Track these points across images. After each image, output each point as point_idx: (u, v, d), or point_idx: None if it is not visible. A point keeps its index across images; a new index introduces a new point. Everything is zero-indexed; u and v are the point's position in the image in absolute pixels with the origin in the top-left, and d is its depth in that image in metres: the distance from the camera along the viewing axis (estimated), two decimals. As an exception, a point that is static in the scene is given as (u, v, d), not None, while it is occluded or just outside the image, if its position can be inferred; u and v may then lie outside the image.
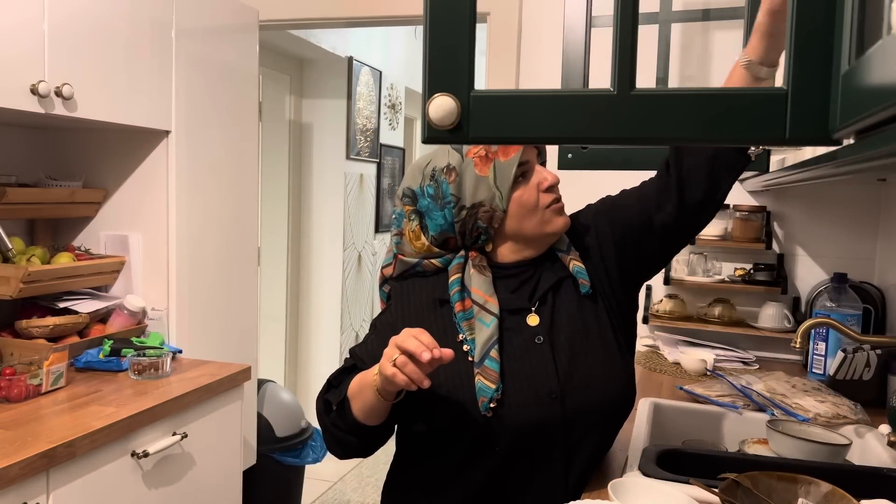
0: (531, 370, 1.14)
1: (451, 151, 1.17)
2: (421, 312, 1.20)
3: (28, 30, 1.60)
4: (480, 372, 1.11)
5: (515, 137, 0.60)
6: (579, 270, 1.19)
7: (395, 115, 4.73)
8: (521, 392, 1.12)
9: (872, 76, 0.45)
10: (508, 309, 1.17)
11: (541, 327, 1.17)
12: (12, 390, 1.61)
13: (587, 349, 1.16)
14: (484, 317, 1.15)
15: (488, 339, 1.13)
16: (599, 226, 1.25)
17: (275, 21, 2.60)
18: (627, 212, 1.24)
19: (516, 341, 1.16)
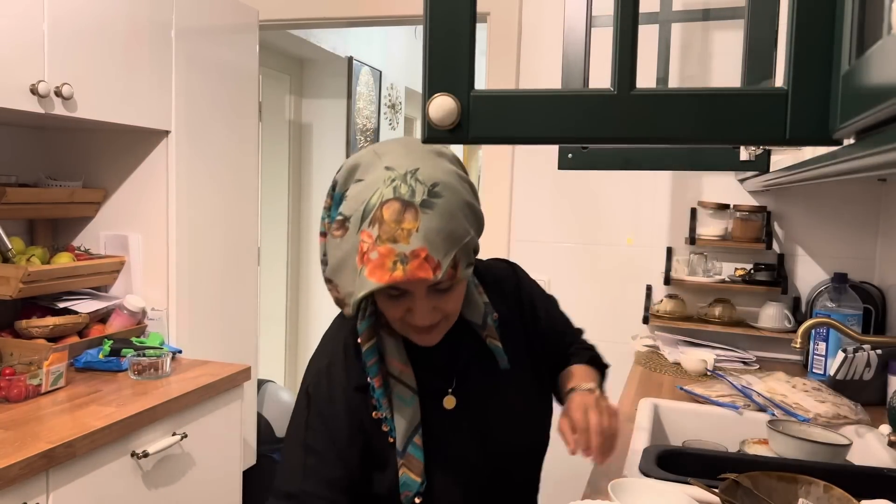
0: (454, 454, 1.06)
1: (362, 211, 0.92)
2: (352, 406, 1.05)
3: (27, 30, 1.60)
4: (405, 463, 1.01)
5: (515, 137, 0.60)
6: (496, 349, 1.08)
7: (395, 115, 4.73)
8: (447, 482, 1.04)
9: (872, 76, 0.45)
10: (425, 390, 1.05)
11: (459, 409, 1.07)
12: (12, 390, 1.61)
13: (505, 413, 1.10)
14: (403, 392, 1.02)
15: (411, 423, 1.02)
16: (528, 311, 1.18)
17: (275, 21, 2.60)
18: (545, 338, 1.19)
19: (435, 425, 1.05)
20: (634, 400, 1.68)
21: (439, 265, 0.90)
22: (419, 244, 0.89)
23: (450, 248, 0.91)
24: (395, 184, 0.92)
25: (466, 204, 0.95)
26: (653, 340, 2.22)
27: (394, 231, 0.90)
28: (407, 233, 0.90)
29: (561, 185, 2.37)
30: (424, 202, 0.91)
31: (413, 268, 0.90)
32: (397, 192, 0.92)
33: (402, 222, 0.90)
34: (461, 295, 1.00)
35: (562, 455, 2.43)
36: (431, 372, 1.06)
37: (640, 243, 2.32)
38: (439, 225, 0.91)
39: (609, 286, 2.35)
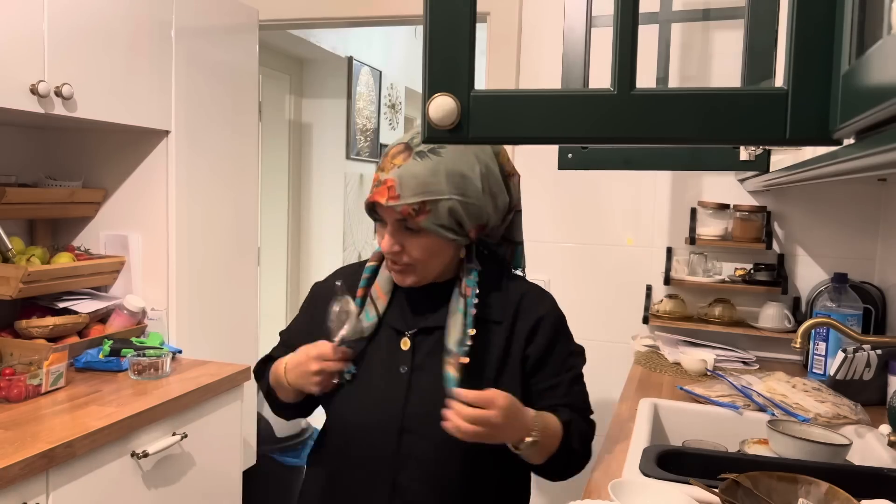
0: (380, 396, 1.19)
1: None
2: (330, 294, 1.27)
3: (28, 30, 1.60)
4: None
5: (515, 137, 0.60)
6: (447, 377, 1.15)
7: (395, 115, 4.73)
8: (365, 408, 1.19)
9: (872, 76, 0.45)
10: (391, 327, 1.22)
11: (409, 355, 1.20)
12: (12, 390, 1.61)
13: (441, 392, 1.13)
14: (370, 310, 1.22)
15: (362, 331, 1.20)
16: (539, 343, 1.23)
17: (275, 21, 2.60)
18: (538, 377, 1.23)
19: (382, 362, 1.20)
20: (634, 400, 1.68)
21: (397, 197, 1.10)
22: (392, 176, 1.11)
23: (418, 193, 1.10)
24: (414, 134, 1.14)
25: (461, 174, 1.12)
26: (653, 340, 2.22)
27: (385, 163, 1.14)
28: (392, 166, 1.12)
29: (561, 185, 2.37)
30: (420, 153, 1.12)
31: (377, 191, 1.13)
32: (411, 139, 1.14)
33: (395, 159, 1.13)
34: (429, 247, 1.16)
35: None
36: (409, 313, 1.23)
37: (640, 243, 2.32)
38: (418, 172, 1.10)
39: (609, 286, 2.35)
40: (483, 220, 1.18)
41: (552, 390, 1.22)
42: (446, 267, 1.21)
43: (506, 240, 1.31)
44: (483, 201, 1.16)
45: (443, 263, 1.20)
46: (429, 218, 1.12)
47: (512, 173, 1.24)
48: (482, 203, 1.15)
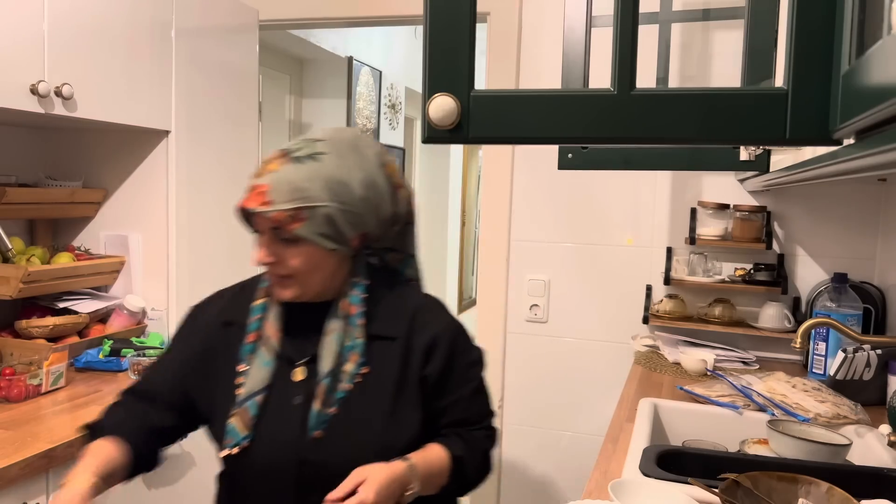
0: (280, 432, 1.12)
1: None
2: (205, 330, 1.22)
3: (27, 30, 1.60)
4: (238, 412, 1.12)
5: (515, 137, 0.60)
6: (359, 345, 1.13)
7: (395, 115, 4.73)
8: (268, 447, 1.11)
9: (872, 76, 0.45)
10: (283, 357, 1.15)
11: (303, 386, 1.13)
12: (12, 390, 1.61)
13: (349, 419, 1.11)
14: (265, 354, 1.14)
15: (259, 382, 1.12)
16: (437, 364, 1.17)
17: (275, 21, 2.60)
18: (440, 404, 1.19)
19: (277, 396, 1.13)
20: (634, 400, 1.68)
21: (269, 203, 1.06)
22: (265, 181, 1.07)
23: (293, 199, 1.05)
24: (297, 141, 1.12)
25: (338, 180, 1.08)
26: (653, 340, 2.22)
27: (261, 168, 1.10)
28: (266, 171, 1.08)
29: (561, 185, 2.37)
30: (298, 158, 1.08)
31: (249, 196, 1.08)
32: (291, 145, 1.11)
33: (270, 164, 1.09)
34: (308, 257, 1.10)
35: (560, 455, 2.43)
36: (298, 336, 1.16)
37: (640, 243, 2.32)
38: (294, 178, 1.06)
39: (609, 286, 2.35)
40: (366, 229, 1.13)
41: (453, 406, 1.19)
42: (331, 281, 1.15)
43: (394, 251, 1.26)
44: (363, 209, 1.11)
45: (325, 276, 1.13)
46: (305, 226, 1.06)
47: (400, 185, 1.19)
48: (362, 211, 1.10)
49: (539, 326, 2.43)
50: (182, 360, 1.22)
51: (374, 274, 1.20)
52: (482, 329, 2.49)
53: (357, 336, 1.14)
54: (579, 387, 2.40)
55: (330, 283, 1.15)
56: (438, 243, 5.97)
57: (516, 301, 2.45)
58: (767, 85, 1.24)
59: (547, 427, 2.44)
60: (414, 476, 1.09)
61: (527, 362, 2.45)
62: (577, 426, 2.41)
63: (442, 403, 1.18)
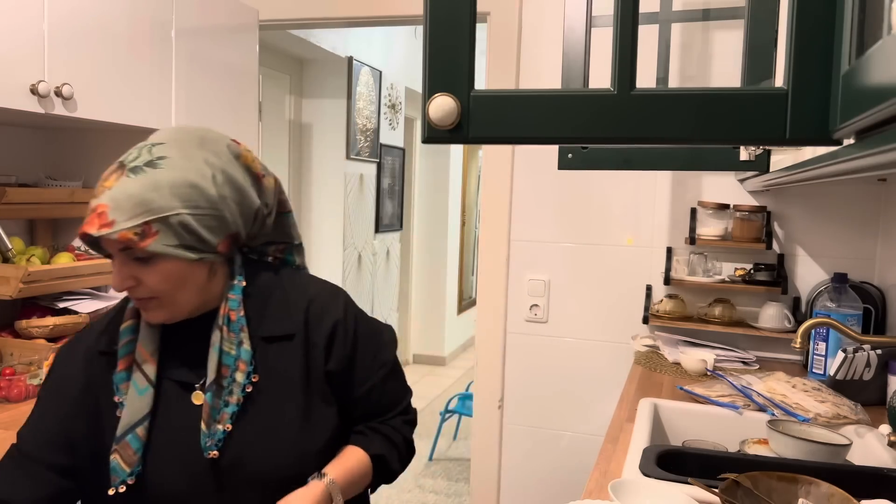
0: (180, 453, 1.02)
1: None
2: (84, 363, 1.08)
3: (28, 30, 1.60)
4: (118, 449, 1.01)
5: (515, 137, 0.60)
6: (245, 352, 1.04)
7: (395, 115, 4.73)
8: (164, 478, 1.02)
9: (872, 76, 0.45)
10: (174, 380, 1.05)
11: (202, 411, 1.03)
12: (12, 390, 1.61)
13: (250, 430, 1.04)
14: (139, 381, 1.03)
15: (136, 413, 1.02)
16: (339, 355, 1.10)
17: (275, 21, 2.60)
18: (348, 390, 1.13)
19: (175, 419, 1.04)
20: (634, 399, 1.68)
21: (111, 224, 0.94)
22: (103, 201, 0.95)
23: (137, 214, 0.94)
24: (131, 150, 1.00)
25: (188, 183, 0.97)
26: (653, 340, 2.22)
27: (99, 186, 0.97)
28: (104, 189, 0.96)
29: (561, 185, 2.37)
30: (135, 168, 0.97)
31: (88, 220, 0.95)
32: (126, 156, 0.99)
33: (106, 181, 0.97)
34: (170, 274, 0.99)
35: (560, 455, 2.44)
36: (185, 358, 1.06)
37: (640, 243, 2.32)
38: (134, 190, 0.95)
39: (609, 286, 2.35)
40: (232, 229, 1.02)
41: (366, 396, 1.13)
42: (207, 291, 1.05)
43: (275, 243, 1.17)
44: (223, 209, 1.00)
45: (197, 288, 1.03)
46: (157, 240, 0.95)
47: (262, 175, 1.09)
48: (222, 211, 1.00)
49: (539, 326, 2.43)
50: (59, 413, 1.07)
51: (259, 272, 1.10)
52: (482, 329, 2.49)
53: (242, 342, 1.04)
54: (579, 387, 2.40)
55: (207, 294, 1.05)
56: (438, 243, 5.97)
57: (516, 301, 2.45)
58: (767, 85, 1.24)
59: (547, 427, 2.44)
60: (335, 491, 1.04)
61: (527, 362, 2.45)
62: (577, 426, 2.41)
63: (354, 395, 1.12)
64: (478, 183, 6.49)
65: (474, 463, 2.55)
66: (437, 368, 5.92)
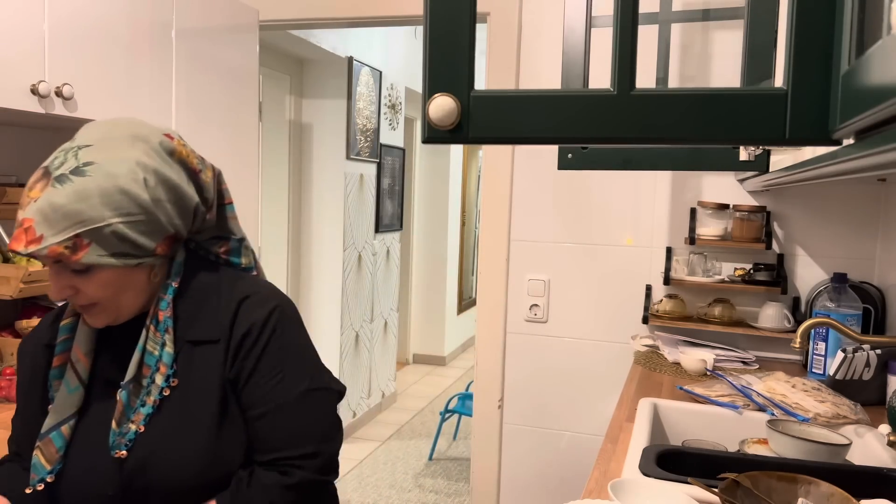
0: (95, 459, 1.00)
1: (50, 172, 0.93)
2: (31, 359, 1.09)
3: (28, 30, 1.60)
4: (41, 445, 1.00)
5: (515, 137, 0.60)
6: (167, 355, 1.01)
7: (395, 115, 4.73)
8: (80, 479, 1.01)
9: (872, 76, 0.45)
10: (104, 377, 1.04)
11: None
12: (12, 390, 1.61)
13: (165, 434, 1.00)
14: (70, 379, 1.01)
15: (64, 411, 1.01)
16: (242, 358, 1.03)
17: (275, 21, 2.60)
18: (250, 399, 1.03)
19: (98, 418, 1.02)
20: (634, 399, 1.68)
21: (39, 239, 0.90)
22: (29, 215, 0.91)
23: (66, 227, 0.90)
24: (57, 154, 0.95)
25: (119, 190, 0.93)
26: (652, 340, 2.22)
27: (23, 197, 0.93)
28: (29, 201, 0.92)
29: (561, 185, 2.37)
30: (61, 177, 0.92)
31: (15, 236, 0.92)
32: (51, 161, 0.94)
33: (32, 191, 0.93)
34: (108, 281, 0.96)
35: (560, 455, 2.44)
36: (117, 356, 1.03)
37: (640, 243, 2.32)
38: (62, 202, 0.90)
39: (609, 286, 2.36)
40: (169, 231, 0.99)
41: (255, 421, 1.02)
42: (148, 292, 1.02)
43: (220, 238, 1.13)
44: (159, 213, 0.96)
45: (138, 291, 1.01)
46: (90, 252, 0.92)
47: (198, 170, 1.06)
48: (157, 215, 0.96)
49: (539, 326, 2.43)
50: (23, 409, 1.10)
51: (199, 272, 1.06)
52: (482, 329, 2.49)
53: (165, 344, 1.00)
54: (579, 387, 2.40)
55: (152, 293, 1.03)
56: (438, 243, 5.97)
57: (516, 301, 2.45)
58: (767, 85, 1.25)
59: (547, 427, 2.44)
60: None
61: (527, 362, 2.45)
62: (577, 426, 2.41)
63: (245, 415, 1.02)
64: (478, 183, 6.49)
65: (474, 463, 2.55)
66: (437, 368, 5.92)
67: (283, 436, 1.02)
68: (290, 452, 1.01)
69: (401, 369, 5.71)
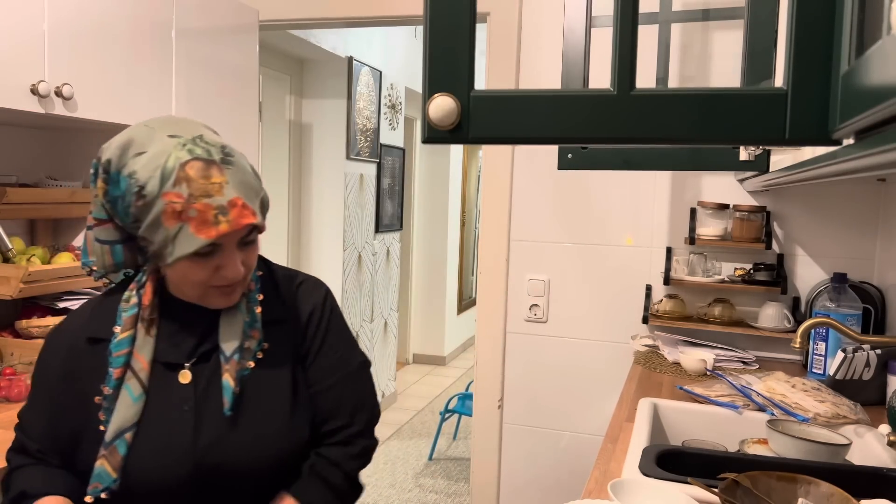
0: (167, 444, 1.02)
1: (159, 175, 0.95)
2: (66, 352, 1.07)
3: (28, 30, 1.60)
4: (107, 454, 1.00)
5: (515, 137, 0.60)
6: (226, 386, 1.04)
7: (395, 115, 4.73)
8: (148, 470, 1.01)
9: (872, 76, 0.45)
10: (162, 362, 1.05)
11: (192, 389, 1.04)
12: (12, 390, 1.61)
13: (243, 418, 1.04)
14: (134, 388, 1.02)
15: (128, 420, 1.01)
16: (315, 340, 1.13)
17: (275, 21, 2.60)
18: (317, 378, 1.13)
19: (160, 405, 1.03)
20: (634, 399, 1.68)
21: (254, 212, 0.98)
22: (234, 194, 0.96)
23: (255, 199, 0.99)
24: (188, 147, 0.97)
25: (250, 165, 1.03)
26: (652, 340, 2.22)
27: (205, 186, 0.95)
28: (219, 186, 0.95)
29: (561, 185, 2.37)
30: (224, 160, 0.98)
31: (235, 216, 0.96)
32: (193, 153, 0.96)
33: (211, 178, 0.96)
34: (256, 250, 1.05)
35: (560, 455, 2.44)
36: (176, 341, 1.07)
37: (640, 243, 2.32)
38: (242, 178, 0.98)
39: (609, 286, 2.36)
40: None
41: (323, 394, 1.12)
42: None
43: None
44: None
45: None
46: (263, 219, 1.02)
47: None
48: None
49: (539, 326, 2.43)
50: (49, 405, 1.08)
51: None
52: (482, 329, 2.49)
53: (256, 311, 1.07)
54: (579, 387, 2.40)
55: None
56: (438, 243, 5.97)
57: (516, 301, 2.45)
58: (767, 85, 1.25)
59: (547, 427, 2.44)
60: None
61: (527, 362, 2.45)
62: (577, 426, 2.41)
63: (311, 390, 1.11)
64: (478, 183, 6.49)
65: (474, 463, 2.55)
66: (437, 368, 5.92)
67: (348, 405, 1.13)
68: (353, 420, 1.13)
69: (401, 369, 5.71)
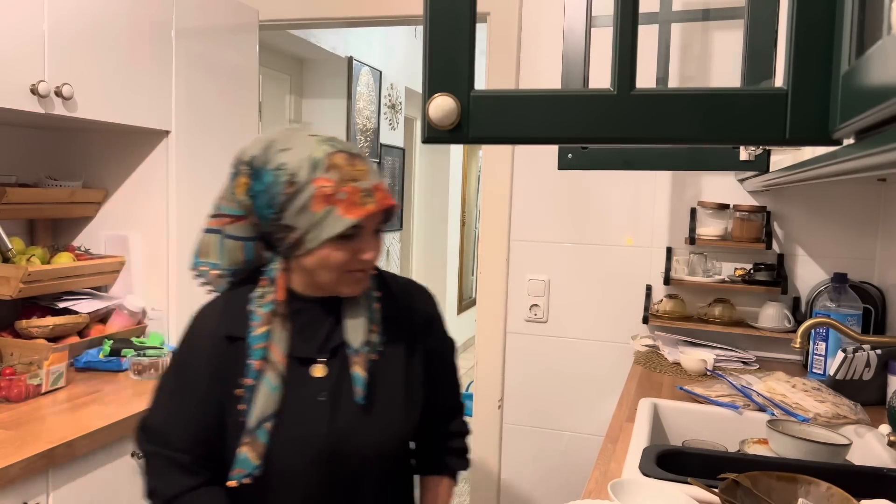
0: (304, 431, 1.08)
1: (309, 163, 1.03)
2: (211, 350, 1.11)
3: (28, 30, 1.60)
4: (249, 442, 1.06)
5: (515, 137, 0.60)
6: (356, 377, 1.11)
7: (395, 115, 4.73)
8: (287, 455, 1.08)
9: (872, 76, 0.45)
10: (296, 357, 1.11)
11: (326, 381, 1.11)
12: (12, 390, 1.61)
13: (371, 406, 1.11)
14: (272, 378, 1.07)
15: (269, 409, 1.06)
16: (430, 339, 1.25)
17: (275, 21, 2.60)
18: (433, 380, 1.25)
19: (296, 396, 1.09)
20: (634, 399, 1.68)
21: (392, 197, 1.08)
22: (377, 179, 1.06)
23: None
24: (330, 142, 1.07)
25: None
26: (652, 340, 2.22)
27: (352, 172, 1.04)
28: (364, 172, 1.06)
29: (561, 185, 2.37)
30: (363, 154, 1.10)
31: (380, 198, 1.05)
32: (335, 147, 1.06)
33: (356, 165, 1.05)
34: (382, 239, 1.14)
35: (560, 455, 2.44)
36: (306, 337, 1.13)
37: (640, 243, 2.32)
38: (377, 170, 1.09)
39: (609, 286, 2.35)
40: None
41: (441, 389, 1.27)
42: None
43: None
44: None
45: None
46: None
47: None
48: None
49: (539, 326, 2.43)
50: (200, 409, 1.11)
51: None
52: (482, 329, 2.49)
53: (375, 307, 1.16)
54: (579, 387, 2.40)
55: None
56: (438, 243, 5.97)
57: (516, 301, 2.45)
58: (767, 85, 1.24)
59: (547, 427, 2.44)
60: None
61: (527, 362, 2.45)
62: (577, 426, 2.41)
63: (433, 383, 1.23)
64: (478, 183, 6.49)
65: (474, 463, 2.55)
66: (437, 368, 5.90)
67: (457, 393, 1.32)
68: (459, 411, 1.32)
69: (401, 369, 5.70)
